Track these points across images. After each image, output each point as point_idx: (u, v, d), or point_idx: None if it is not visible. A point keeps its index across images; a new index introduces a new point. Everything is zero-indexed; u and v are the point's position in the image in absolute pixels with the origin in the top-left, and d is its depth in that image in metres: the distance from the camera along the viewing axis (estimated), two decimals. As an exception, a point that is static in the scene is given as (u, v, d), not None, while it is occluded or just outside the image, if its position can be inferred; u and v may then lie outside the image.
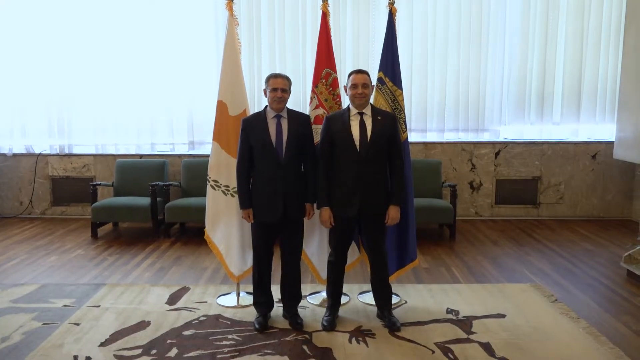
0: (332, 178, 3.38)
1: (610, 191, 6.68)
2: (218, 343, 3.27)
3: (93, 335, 3.38)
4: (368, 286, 3.83)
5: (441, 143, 6.61)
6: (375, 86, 3.70)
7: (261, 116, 3.42)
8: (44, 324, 3.54)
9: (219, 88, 3.86)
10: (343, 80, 3.71)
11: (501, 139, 6.64)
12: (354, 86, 3.35)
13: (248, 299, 3.84)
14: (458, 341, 3.28)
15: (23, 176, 6.85)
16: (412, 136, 6.42)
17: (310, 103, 3.93)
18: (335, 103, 3.87)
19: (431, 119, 6.57)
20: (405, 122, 3.82)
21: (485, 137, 6.64)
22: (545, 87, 6.51)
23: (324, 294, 3.84)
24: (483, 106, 6.56)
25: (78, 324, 3.54)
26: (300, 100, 6.24)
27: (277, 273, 3.62)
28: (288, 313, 3.58)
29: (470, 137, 6.62)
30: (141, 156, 6.65)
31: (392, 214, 3.40)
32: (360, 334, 3.39)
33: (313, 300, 3.94)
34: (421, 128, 6.58)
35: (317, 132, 3.64)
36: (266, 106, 3.46)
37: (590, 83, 6.48)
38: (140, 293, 4.11)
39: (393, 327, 3.43)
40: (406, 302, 3.90)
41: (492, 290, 4.16)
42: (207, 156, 4.02)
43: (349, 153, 3.32)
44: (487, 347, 3.20)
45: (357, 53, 6.43)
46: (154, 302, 3.92)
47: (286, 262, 3.55)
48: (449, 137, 6.62)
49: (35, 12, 6.51)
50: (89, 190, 6.11)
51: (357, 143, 3.31)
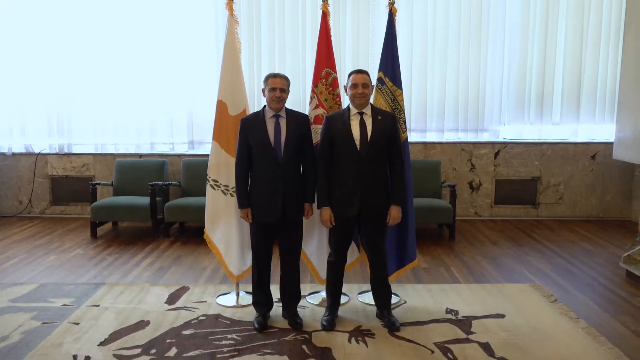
0: (332, 178, 3.38)
1: (609, 191, 6.68)
2: (217, 343, 3.27)
3: (92, 334, 3.38)
4: (367, 286, 3.83)
5: (441, 143, 6.61)
6: (375, 86, 3.70)
7: (260, 116, 3.42)
8: (43, 324, 3.54)
9: (219, 88, 3.86)
10: (343, 80, 3.71)
11: (501, 139, 6.65)
12: (354, 86, 3.35)
13: (247, 299, 3.84)
14: (457, 341, 3.29)
15: (22, 175, 6.85)
16: (412, 136, 6.42)
17: (310, 103, 3.93)
18: (335, 103, 3.87)
19: (431, 119, 6.57)
20: (405, 122, 3.82)
21: (484, 137, 6.64)
22: (544, 88, 6.51)
23: (324, 294, 3.85)
24: (483, 106, 6.56)
25: (77, 324, 3.54)
26: (300, 100, 6.25)
27: (277, 273, 3.62)
28: (287, 313, 3.58)
29: (469, 137, 6.63)
30: (141, 156, 6.64)
31: (394, 214, 3.40)
32: (359, 334, 3.39)
33: (312, 300, 3.94)
34: (421, 128, 6.58)
35: (317, 132, 3.64)
36: (265, 106, 3.45)
37: (590, 83, 6.49)
38: (139, 293, 4.11)
39: (392, 327, 3.44)
40: (405, 302, 3.91)
41: (492, 290, 4.17)
42: (207, 156, 4.03)
43: (349, 153, 3.32)
44: (487, 347, 3.20)
45: (357, 53, 6.43)
46: (154, 302, 3.92)
47: (285, 262, 3.55)
48: (449, 137, 6.62)
49: (35, 12, 6.50)
50: (89, 189, 6.10)
51: (358, 143, 3.31)
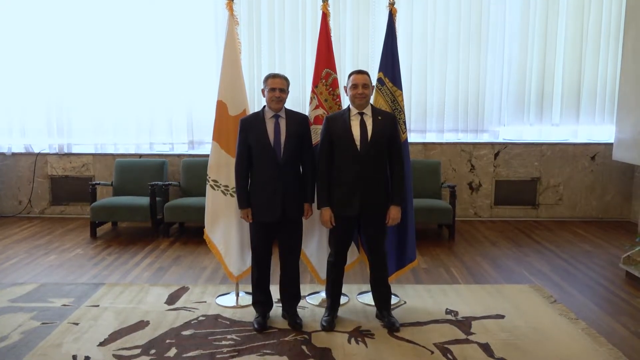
0: (333, 178, 3.38)
1: (609, 192, 6.68)
2: (217, 343, 3.27)
3: (92, 334, 3.38)
4: (367, 286, 3.83)
5: (440, 144, 6.61)
6: (375, 86, 3.70)
7: (259, 116, 3.42)
8: (43, 324, 3.53)
9: (219, 88, 3.86)
10: (343, 80, 3.71)
11: (500, 140, 6.65)
12: (354, 86, 3.35)
13: (247, 299, 3.84)
14: (457, 342, 3.29)
15: (22, 175, 6.84)
16: (412, 137, 6.41)
17: (310, 103, 3.93)
18: (335, 103, 3.87)
19: (430, 120, 6.58)
20: (404, 123, 3.82)
21: (484, 138, 6.65)
22: (544, 88, 6.52)
23: (323, 294, 3.85)
24: (482, 107, 6.56)
25: (77, 324, 3.53)
26: (300, 100, 6.25)
27: (276, 273, 3.62)
28: (287, 313, 3.57)
29: (469, 138, 6.63)
30: (140, 156, 6.64)
31: (393, 214, 3.40)
32: (359, 334, 3.39)
33: (312, 300, 3.94)
34: (420, 128, 6.58)
35: (317, 133, 3.64)
36: (264, 106, 3.45)
37: (589, 84, 6.49)
38: (139, 293, 4.11)
39: (392, 328, 3.44)
40: (405, 303, 3.91)
41: (491, 291, 4.17)
42: (207, 156, 4.03)
43: (350, 153, 3.32)
44: (486, 348, 3.20)
45: (357, 53, 6.43)
46: (153, 302, 3.92)
47: (285, 262, 3.55)
48: (449, 138, 6.62)
49: (35, 12, 6.50)
50: (88, 189, 6.10)
51: (358, 143, 3.31)
